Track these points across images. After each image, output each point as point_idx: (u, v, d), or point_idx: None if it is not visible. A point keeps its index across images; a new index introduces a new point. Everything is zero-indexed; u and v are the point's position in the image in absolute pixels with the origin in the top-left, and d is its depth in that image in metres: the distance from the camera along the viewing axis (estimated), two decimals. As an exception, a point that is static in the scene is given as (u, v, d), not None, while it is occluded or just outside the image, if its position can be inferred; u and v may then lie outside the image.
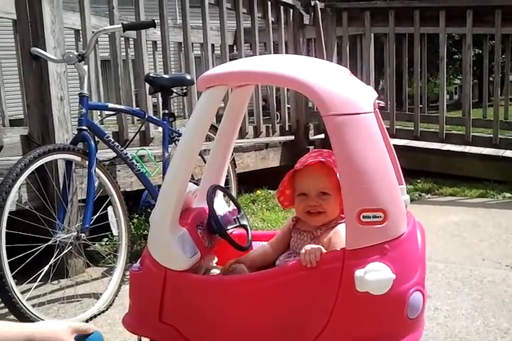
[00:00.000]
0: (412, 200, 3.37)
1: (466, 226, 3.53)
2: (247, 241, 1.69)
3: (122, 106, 3.06)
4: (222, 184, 1.79)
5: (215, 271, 1.69)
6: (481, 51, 9.82)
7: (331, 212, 1.55)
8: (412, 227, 1.43)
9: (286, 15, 5.10)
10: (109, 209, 2.49)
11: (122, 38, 4.01)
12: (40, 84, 2.72)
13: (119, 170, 3.05)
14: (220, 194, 1.77)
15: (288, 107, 5.29)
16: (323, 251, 1.38)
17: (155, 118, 3.03)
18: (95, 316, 2.30)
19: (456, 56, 17.57)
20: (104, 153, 2.85)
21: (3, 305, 2.08)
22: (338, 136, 1.32)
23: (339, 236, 1.47)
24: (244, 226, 1.72)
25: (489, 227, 3.48)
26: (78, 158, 2.41)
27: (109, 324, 2.23)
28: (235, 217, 1.75)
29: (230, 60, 4.14)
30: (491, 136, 5.14)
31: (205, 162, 2.85)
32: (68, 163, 2.45)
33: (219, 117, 2.28)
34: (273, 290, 1.41)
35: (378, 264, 1.30)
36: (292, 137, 5.16)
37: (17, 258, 2.11)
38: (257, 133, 4.90)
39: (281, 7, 5.02)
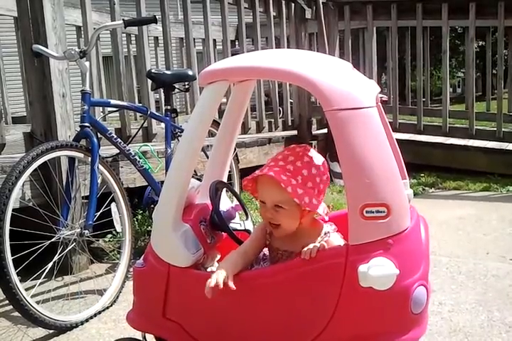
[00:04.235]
0: (415, 194, 3.37)
1: (470, 220, 3.53)
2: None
3: (125, 103, 3.06)
4: (225, 179, 1.78)
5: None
6: (484, 44, 9.79)
7: (287, 225, 1.47)
8: (416, 222, 1.43)
9: (287, 10, 5.08)
10: (113, 205, 2.49)
11: (124, 34, 4.00)
12: (42, 81, 2.72)
13: (122, 167, 3.05)
14: (222, 190, 1.76)
15: (290, 102, 5.29)
16: (325, 246, 1.38)
17: (157, 114, 3.03)
18: (99, 312, 2.30)
19: (460, 49, 17.52)
20: (107, 150, 2.85)
21: (7, 302, 2.09)
22: (341, 130, 1.31)
23: None
24: (248, 231, 1.71)
25: (493, 221, 3.47)
26: (81, 155, 2.41)
27: (113, 320, 2.24)
28: (239, 211, 1.74)
29: (232, 55, 4.13)
30: (495, 129, 5.13)
31: (207, 157, 2.85)
32: (71, 160, 2.46)
33: (221, 112, 2.28)
34: (276, 287, 1.41)
35: (382, 259, 1.30)
36: (295, 132, 5.15)
37: (21, 256, 2.11)
38: (259, 129, 4.90)
39: (283, 1, 5.01)
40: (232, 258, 1.49)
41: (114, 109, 2.98)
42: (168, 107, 2.90)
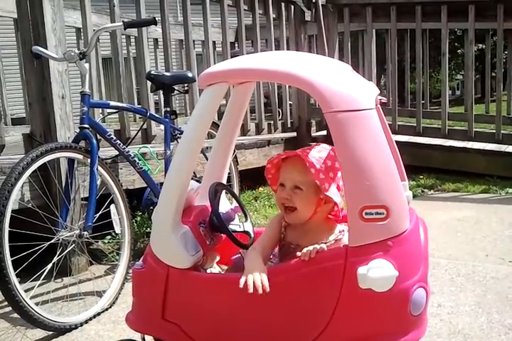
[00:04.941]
0: (414, 196, 3.35)
1: (469, 222, 3.53)
2: (249, 239, 1.69)
3: (124, 104, 3.06)
4: (224, 181, 1.78)
5: (217, 269, 1.70)
6: (483, 46, 9.81)
7: (302, 211, 1.51)
8: (415, 224, 1.43)
9: (287, 12, 5.09)
10: (112, 207, 2.49)
11: (123, 36, 4.01)
12: (41, 82, 2.72)
13: (121, 168, 3.05)
14: (222, 191, 1.76)
15: (290, 104, 5.29)
16: (325, 248, 1.38)
17: (157, 115, 3.03)
18: (99, 314, 2.30)
19: (459, 51, 17.56)
20: (106, 151, 2.85)
21: (6, 303, 2.09)
22: (340, 132, 1.32)
23: None
24: (247, 233, 1.71)
25: (492, 223, 3.47)
26: (80, 156, 2.41)
27: (112, 321, 2.24)
28: (238, 213, 1.74)
29: (232, 57, 4.14)
30: (494, 131, 5.13)
31: (207, 159, 2.85)
32: (70, 161, 2.45)
33: (220, 114, 2.28)
34: (276, 288, 1.40)
35: (381, 261, 1.30)
36: (294, 134, 5.16)
37: (20, 257, 2.11)
38: (259, 130, 4.90)
39: (283, 3, 5.02)
40: (256, 257, 1.47)
41: (114, 111, 2.98)
42: (168, 109, 2.90)
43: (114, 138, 2.61)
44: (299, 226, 1.56)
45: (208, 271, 1.66)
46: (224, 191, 1.74)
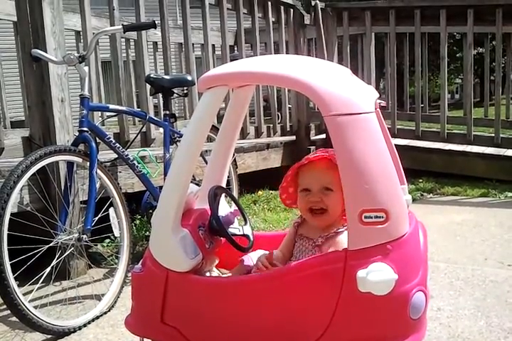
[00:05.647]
0: (413, 200, 3.35)
1: (468, 225, 3.53)
2: (248, 243, 1.69)
3: (123, 108, 3.06)
4: (224, 185, 1.78)
5: (216, 273, 1.70)
6: (482, 50, 9.83)
7: (333, 211, 1.54)
8: (414, 227, 1.43)
9: (286, 16, 5.10)
10: (111, 210, 2.48)
11: (123, 39, 4.01)
12: (40, 85, 2.72)
13: (120, 172, 3.05)
14: (221, 195, 1.76)
15: (289, 107, 5.29)
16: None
17: (156, 119, 3.03)
18: (97, 317, 2.29)
19: (458, 55, 17.58)
20: (106, 155, 2.85)
21: (5, 306, 2.08)
22: (340, 136, 1.32)
23: (341, 247, 1.43)
24: (246, 237, 1.71)
25: (491, 227, 3.47)
26: (79, 160, 2.41)
27: (111, 325, 2.23)
28: (237, 216, 1.74)
29: (231, 60, 4.14)
30: (493, 135, 5.14)
31: (206, 163, 2.85)
32: (69, 165, 2.45)
33: (220, 118, 2.28)
34: (275, 291, 1.40)
35: (380, 264, 1.30)
36: (293, 137, 5.16)
37: (19, 260, 2.11)
38: (258, 134, 4.90)
39: (282, 7, 5.02)
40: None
41: (113, 114, 2.98)
42: (167, 112, 2.90)
43: (114, 141, 2.61)
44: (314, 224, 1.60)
45: (207, 274, 1.66)
46: (223, 194, 1.74)
